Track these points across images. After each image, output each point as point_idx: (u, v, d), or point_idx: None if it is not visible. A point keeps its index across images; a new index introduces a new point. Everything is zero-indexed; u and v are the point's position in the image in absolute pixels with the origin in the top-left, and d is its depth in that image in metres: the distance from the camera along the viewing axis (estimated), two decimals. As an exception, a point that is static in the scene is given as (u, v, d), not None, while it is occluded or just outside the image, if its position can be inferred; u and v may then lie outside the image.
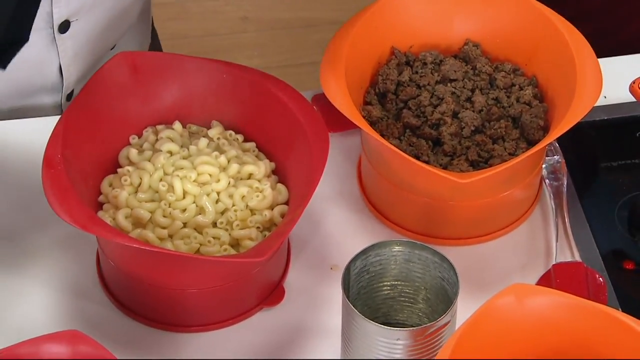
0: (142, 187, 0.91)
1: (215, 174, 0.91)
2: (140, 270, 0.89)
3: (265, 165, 0.93)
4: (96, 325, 0.91)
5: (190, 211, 0.90)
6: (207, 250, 0.89)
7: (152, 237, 0.89)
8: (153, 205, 0.90)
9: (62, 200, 0.85)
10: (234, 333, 0.92)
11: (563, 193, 1.00)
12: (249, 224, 0.90)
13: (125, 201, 0.90)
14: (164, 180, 0.91)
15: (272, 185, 0.92)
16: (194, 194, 0.90)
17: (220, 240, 0.89)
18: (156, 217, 0.89)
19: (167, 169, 0.92)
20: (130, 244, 0.84)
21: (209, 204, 0.90)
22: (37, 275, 0.94)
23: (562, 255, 0.96)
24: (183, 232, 0.89)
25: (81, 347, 0.80)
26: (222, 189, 0.91)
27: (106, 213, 0.91)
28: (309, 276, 0.95)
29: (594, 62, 0.95)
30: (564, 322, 0.82)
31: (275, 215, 0.91)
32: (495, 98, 0.98)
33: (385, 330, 0.83)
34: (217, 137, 0.94)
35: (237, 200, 0.90)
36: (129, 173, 0.91)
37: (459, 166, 0.94)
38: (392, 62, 0.99)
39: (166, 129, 0.95)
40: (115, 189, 0.91)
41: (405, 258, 0.87)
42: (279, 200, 0.92)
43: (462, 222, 0.96)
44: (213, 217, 0.89)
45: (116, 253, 0.90)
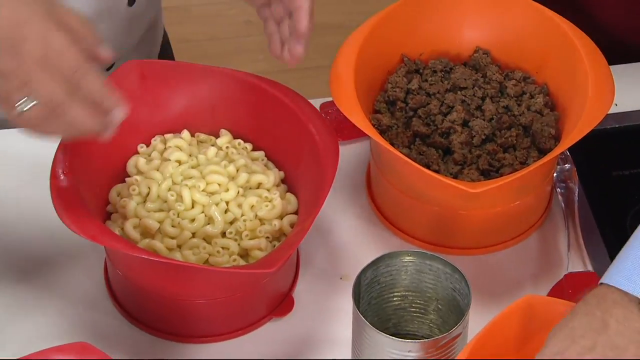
0: (150, 196, 0.91)
1: (224, 183, 0.91)
2: (148, 281, 0.90)
3: (275, 175, 0.93)
4: (105, 336, 0.91)
5: (199, 221, 0.90)
6: (216, 260, 0.89)
7: (160, 247, 0.89)
8: (162, 215, 0.90)
9: (70, 211, 0.85)
10: (243, 344, 0.92)
11: (574, 202, 1.00)
12: (258, 234, 0.90)
13: (133, 211, 0.91)
14: (172, 190, 0.91)
15: (282, 194, 0.92)
16: (202, 204, 0.90)
17: (229, 251, 0.89)
18: (165, 227, 0.90)
19: (175, 178, 0.92)
20: (139, 254, 0.84)
21: (217, 214, 0.90)
22: (45, 286, 0.95)
23: (574, 265, 0.96)
24: (192, 242, 0.90)
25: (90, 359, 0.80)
26: (231, 199, 0.91)
27: (114, 223, 0.91)
28: (319, 286, 0.95)
29: (606, 69, 0.95)
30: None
31: (285, 225, 0.91)
32: (505, 106, 0.98)
33: (397, 342, 0.83)
34: (226, 145, 0.95)
35: (246, 210, 0.91)
36: (137, 182, 0.92)
37: (469, 175, 0.94)
38: (402, 70, 1.00)
39: (174, 137, 0.95)
40: (123, 199, 0.91)
41: (416, 268, 0.87)
42: (289, 210, 0.92)
43: (472, 231, 0.96)
44: (222, 227, 0.90)
45: (124, 263, 0.91)
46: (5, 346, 0.91)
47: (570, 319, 0.78)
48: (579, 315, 0.78)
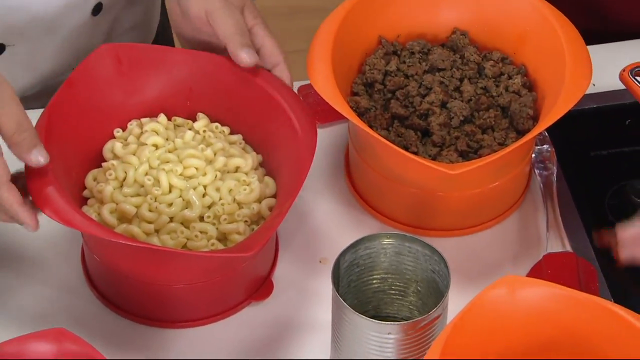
0: (127, 181, 0.90)
1: (202, 167, 0.90)
2: (126, 266, 0.89)
3: (252, 158, 0.92)
4: (82, 322, 0.91)
5: (177, 205, 0.89)
6: (194, 244, 0.88)
7: (138, 232, 0.88)
8: (139, 199, 0.89)
9: (46, 196, 0.84)
10: (222, 328, 0.91)
11: (553, 182, 0.99)
12: (236, 218, 0.89)
13: (110, 196, 0.89)
14: (149, 174, 0.90)
15: (260, 178, 0.91)
16: (180, 188, 0.90)
17: (207, 235, 0.88)
18: (142, 212, 0.89)
19: (152, 162, 0.91)
20: (116, 239, 0.83)
21: (195, 198, 0.89)
22: (22, 273, 0.94)
23: (553, 245, 0.95)
24: (170, 226, 0.89)
25: (67, 345, 0.79)
26: (208, 183, 0.90)
27: (91, 208, 0.90)
28: (298, 270, 0.95)
29: (583, 49, 0.95)
30: (556, 314, 0.82)
31: (263, 209, 0.90)
32: (484, 87, 0.98)
33: (376, 325, 0.82)
34: (203, 129, 0.94)
35: (224, 194, 0.90)
36: (113, 167, 0.91)
37: (448, 157, 0.93)
38: (379, 52, 0.99)
39: (151, 122, 0.94)
40: (100, 184, 0.90)
41: (395, 251, 0.87)
42: (267, 194, 0.91)
43: (452, 213, 0.96)
44: (200, 211, 0.89)
45: (101, 249, 0.90)
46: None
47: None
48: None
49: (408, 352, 0.84)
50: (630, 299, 0.92)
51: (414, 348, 0.84)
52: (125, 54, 0.93)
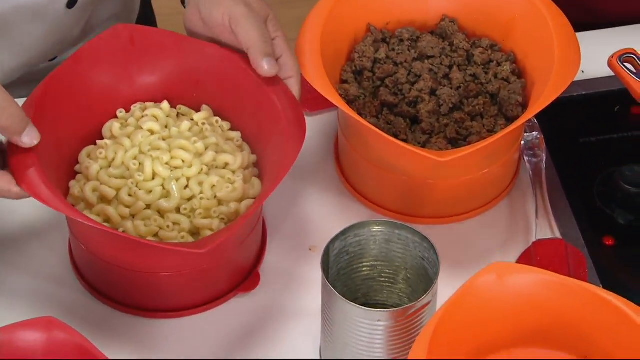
0: (115, 162, 0.89)
1: (189, 159, 0.90)
2: (107, 253, 0.88)
3: (244, 157, 0.91)
4: (70, 312, 0.90)
5: (156, 193, 0.88)
6: (165, 234, 0.87)
7: (113, 214, 0.87)
8: (120, 182, 0.89)
9: (23, 169, 0.83)
10: (210, 318, 0.91)
11: (542, 169, 0.99)
12: (212, 214, 0.88)
13: (95, 174, 0.89)
14: (137, 159, 0.89)
15: (247, 177, 0.90)
16: (163, 177, 0.89)
17: (179, 227, 0.88)
18: (121, 195, 0.88)
19: (143, 147, 0.90)
20: (78, 218, 0.82)
21: (175, 189, 0.88)
22: (9, 263, 0.93)
23: (542, 232, 0.95)
24: (145, 213, 0.88)
25: (56, 334, 0.79)
26: (192, 175, 0.89)
27: (77, 183, 0.89)
28: (288, 257, 0.94)
29: (573, 36, 0.95)
30: (545, 300, 0.83)
31: (242, 209, 0.89)
32: (473, 74, 0.97)
33: (366, 312, 0.82)
34: (202, 121, 0.93)
35: (206, 189, 0.89)
36: (105, 147, 0.90)
37: (437, 144, 0.93)
38: (368, 39, 0.98)
39: (155, 107, 0.93)
40: (88, 161, 0.90)
41: (385, 238, 0.86)
42: (250, 194, 0.90)
43: (441, 200, 0.96)
44: (177, 203, 0.88)
45: (82, 234, 0.89)
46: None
47: None
48: None
49: (398, 339, 0.84)
50: (618, 285, 0.92)
51: (403, 335, 0.84)
52: (139, 36, 0.91)
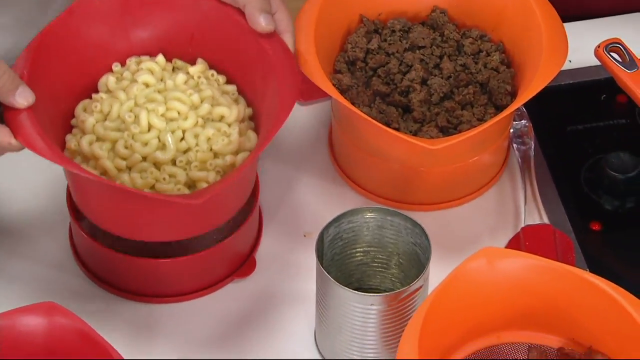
0: (110, 115, 0.88)
1: (184, 111, 0.88)
2: (97, 206, 0.87)
3: (239, 110, 0.89)
4: (71, 297, 0.91)
5: (152, 146, 0.87)
6: (161, 187, 0.86)
7: (110, 166, 0.86)
8: (117, 134, 0.87)
9: (18, 121, 0.82)
10: (207, 302, 0.91)
11: (530, 157, 1.00)
12: (208, 167, 0.86)
13: (91, 127, 0.87)
14: (133, 112, 0.88)
15: (242, 130, 0.89)
16: (158, 129, 0.87)
17: (176, 179, 0.86)
18: (117, 147, 0.86)
19: (138, 100, 0.88)
20: (74, 169, 0.81)
21: (171, 141, 0.86)
22: (11, 250, 0.93)
23: (531, 217, 0.96)
24: (141, 165, 0.86)
25: (57, 319, 0.80)
26: (188, 128, 0.87)
27: (74, 137, 0.88)
28: (283, 243, 0.94)
29: (560, 26, 0.95)
30: (534, 284, 0.83)
31: (238, 161, 0.87)
32: (463, 64, 0.98)
33: (359, 296, 0.83)
34: (198, 75, 0.91)
35: (201, 141, 0.87)
36: (101, 100, 0.89)
37: (428, 132, 0.93)
38: (361, 30, 0.98)
39: (150, 60, 0.91)
40: (83, 114, 0.88)
41: (377, 224, 0.87)
42: (246, 147, 0.88)
43: (432, 187, 0.96)
44: (173, 155, 0.86)
45: (78, 188, 0.87)
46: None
47: None
48: None
49: (390, 322, 0.84)
50: (605, 269, 0.93)
51: (396, 318, 0.84)
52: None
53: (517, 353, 0.84)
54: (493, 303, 0.83)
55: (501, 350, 0.84)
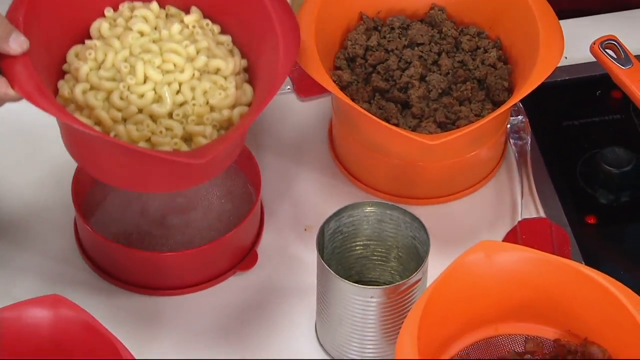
0: (105, 64, 0.85)
1: (181, 64, 0.86)
2: (92, 159, 0.84)
3: (235, 63, 0.87)
4: (76, 290, 0.91)
5: (148, 98, 0.84)
6: (158, 140, 0.83)
7: (105, 117, 0.84)
8: (112, 84, 0.84)
9: (15, 71, 0.81)
10: (209, 296, 0.91)
11: (527, 152, 1.00)
12: (205, 121, 0.84)
13: (85, 76, 0.84)
14: (128, 61, 0.86)
15: (239, 84, 0.87)
16: (155, 81, 0.84)
17: (172, 132, 0.83)
18: (112, 98, 0.83)
19: (134, 50, 0.86)
20: (71, 122, 0.80)
21: (168, 94, 0.84)
22: (17, 244, 0.94)
23: (527, 211, 0.96)
24: (137, 117, 0.83)
25: (63, 311, 0.80)
26: (185, 81, 0.85)
27: (66, 83, 0.86)
28: (284, 237, 0.95)
29: (556, 24, 0.95)
30: (531, 276, 0.83)
31: (235, 116, 0.84)
32: (460, 61, 0.98)
33: (360, 289, 0.83)
34: (193, 24, 0.88)
35: (198, 95, 0.85)
36: (95, 47, 0.85)
37: (427, 128, 0.94)
38: (361, 28, 0.99)
39: (143, 7, 0.89)
40: (77, 61, 0.86)
41: (377, 218, 0.87)
42: (242, 101, 0.86)
43: (431, 182, 0.96)
44: (170, 108, 0.84)
45: (73, 140, 0.85)
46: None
47: None
48: None
49: (390, 315, 0.84)
50: (600, 262, 0.93)
51: (395, 310, 0.84)
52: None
53: (514, 344, 0.85)
54: (491, 295, 0.83)
55: (498, 341, 0.84)
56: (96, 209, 0.94)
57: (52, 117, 1.01)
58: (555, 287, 0.83)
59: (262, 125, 1.02)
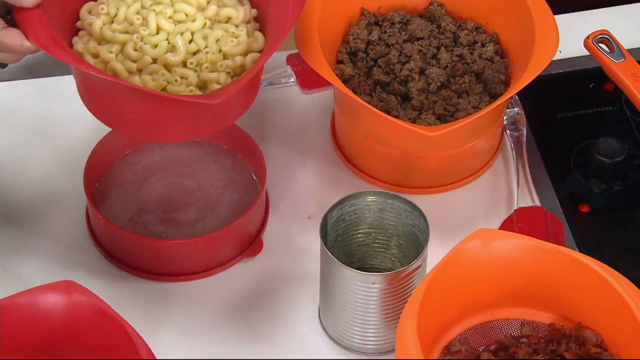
0: (117, 17, 0.85)
1: (192, 13, 0.85)
2: (111, 110, 0.83)
3: (245, 11, 0.87)
4: (88, 276, 0.91)
5: (162, 47, 0.84)
6: (173, 88, 0.83)
7: (120, 69, 0.83)
8: (125, 37, 0.84)
9: (29, 23, 0.80)
10: (216, 282, 0.92)
11: (523, 143, 1.00)
12: (218, 68, 0.84)
13: (99, 30, 0.85)
14: (140, 14, 0.85)
15: (250, 32, 0.87)
16: (167, 31, 0.84)
17: (187, 80, 0.83)
18: (127, 50, 0.84)
19: (145, 2, 0.86)
20: (88, 69, 0.79)
21: (181, 43, 0.84)
22: (31, 231, 0.94)
23: (523, 200, 0.96)
24: (152, 67, 0.83)
25: (76, 296, 0.80)
26: (197, 30, 0.84)
27: (80, 39, 0.86)
28: (288, 225, 0.95)
29: (551, 18, 0.95)
30: (527, 263, 0.84)
31: (247, 62, 0.84)
32: (459, 55, 0.98)
33: (362, 275, 0.83)
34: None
35: (210, 43, 0.84)
36: (107, 2, 0.85)
37: (426, 120, 0.94)
38: (362, 23, 0.99)
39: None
40: (91, 16, 0.86)
41: (378, 207, 0.87)
42: (254, 48, 0.85)
43: (430, 172, 0.97)
44: (183, 57, 0.84)
45: (91, 94, 0.84)
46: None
47: None
48: None
49: (390, 300, 0.85)
50: (593, 248, 0.94)
51: (396, 296, 0.85)
52: None
53: (510, 329, 0.85)
54: (488, 282, 0.83)
55: (496, 326, 0.85)
56: (107, 198, 0.95)
57: (64, 109, 1.03)
58: (550, 273, 0.84)
59: (266, 117, 1.02)
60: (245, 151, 0.96)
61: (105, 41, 0.85)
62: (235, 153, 0.97)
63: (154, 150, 0.96)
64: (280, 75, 1.04)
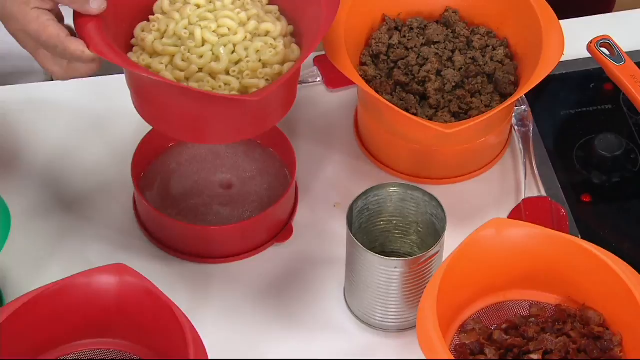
0: (167, 33, 0.87)
1: (234, 27, 0.87)
2: (163, 107, 0.85)
3: (282, 26, 0.88)
4: (135, 258, 0.92)
5: (206, 57, 0.86)
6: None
7: (169, 77, 0.85)
8: (174, 49, 0.87)
9: (90, 34, 0.83)
10: (251, 264, 0.93)
11: (530, 138, 1.01)
12: (258, 75, 0.86)
13: (151, 44, 0.87)
14: (187, 29, 0.87)
15: (287, 44, 0.87)
16: (212, 43, 0.86)
17: (230, 87, 0.85)
18: (175, 60, 0.86)
19: (192, 19, 0.87)
20: (141, 72, 0.81)
21: (224, 52, 0.86)
22: (84, 217, 0.95)
23: (530, 191, 0.97)
24: (198, 75, 0.86)
25: (126, 278, 0.82)
26: (238, 42, 0.86)
27: (134, 54, 0.88)
28: (316, 213, 0.96)
29: (557, 25, 0.96)
30: (535, 249, 0.85)
31: (285, 70, 0.86)
32: (472, 57, 0.99)
33: (385, 260, 0.84)
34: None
35: (251, 53, 0.86)
36: (157, 20, 0.88)
37: (442, 117, 0.95)
38: (384, 28, 1.00)
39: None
40: (143, 32, 0.88)
41: (399, 197, 0.88)
42: (291, 58, 0.87)
43: (446, 164, 0.98)
44: (226, 65, 0.86)
45: (144, 97, 0.86)
46: (51, 267, 0.92)
47: None
48: None
49: (410, 283, 0.86)
50: (595, 235, 0.94)
51: (415, 280, 0.86)
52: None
53: (520, 309, 0.86)
54: (500, 266, 0.84)
55: (507, 306, 0.86)
56: (153, 187, 0.96)
57: (115, 105, 1.03)
58: (557, 259, 0.84)
59: (296, 115, 1.03)
60: (277, 145, 0.97)
61: (157, 54, 0.87)
62: (267, 147, 0.98)
63: (195, 144, 0.98)
64: (307, 75, 1.05)
